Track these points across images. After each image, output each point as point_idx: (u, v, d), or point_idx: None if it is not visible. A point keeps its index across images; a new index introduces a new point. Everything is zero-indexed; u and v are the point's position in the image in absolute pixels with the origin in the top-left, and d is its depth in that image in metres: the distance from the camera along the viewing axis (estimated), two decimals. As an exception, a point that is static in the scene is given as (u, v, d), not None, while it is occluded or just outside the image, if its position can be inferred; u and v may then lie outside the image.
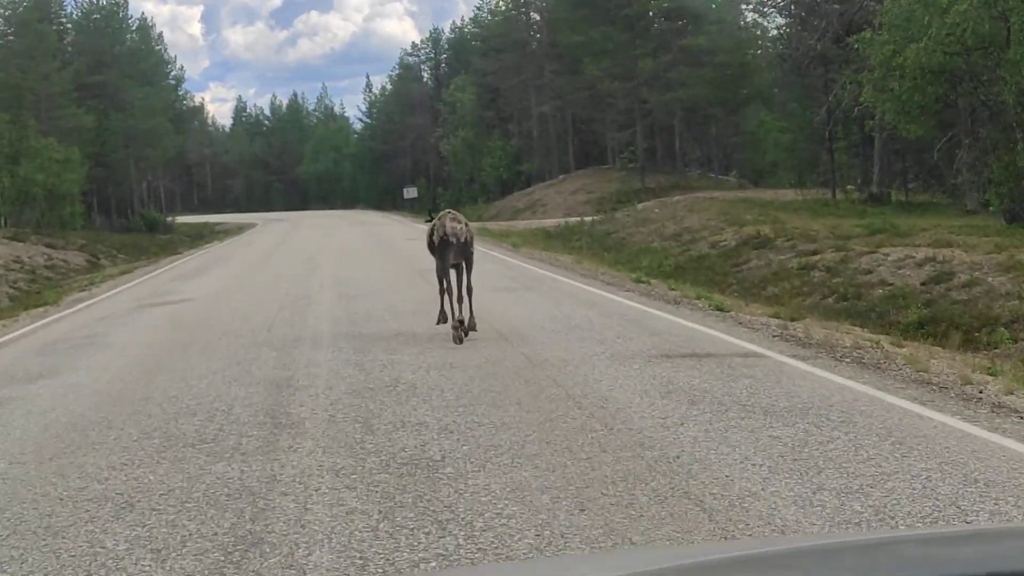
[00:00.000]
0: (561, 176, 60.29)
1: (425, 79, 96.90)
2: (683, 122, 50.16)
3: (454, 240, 11.18)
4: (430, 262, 12.10)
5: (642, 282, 18.05)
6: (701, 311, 13.77)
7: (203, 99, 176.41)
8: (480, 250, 28.92)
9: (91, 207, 65.20)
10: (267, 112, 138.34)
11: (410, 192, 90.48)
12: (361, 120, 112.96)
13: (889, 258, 20.74)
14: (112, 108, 65.51)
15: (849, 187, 37.64)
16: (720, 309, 13.74)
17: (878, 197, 34.92)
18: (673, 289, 16.84)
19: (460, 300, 11.43)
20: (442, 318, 11.59)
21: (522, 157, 71.97)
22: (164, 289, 20.75)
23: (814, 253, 23.95)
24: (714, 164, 54.44)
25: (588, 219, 41.25)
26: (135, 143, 67.42)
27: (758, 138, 50.10)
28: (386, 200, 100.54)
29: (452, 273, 11.62)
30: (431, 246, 11.51)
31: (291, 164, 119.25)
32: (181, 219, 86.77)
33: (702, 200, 37.43)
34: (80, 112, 59.81)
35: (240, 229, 65.41)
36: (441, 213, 11.79)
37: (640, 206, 39.42)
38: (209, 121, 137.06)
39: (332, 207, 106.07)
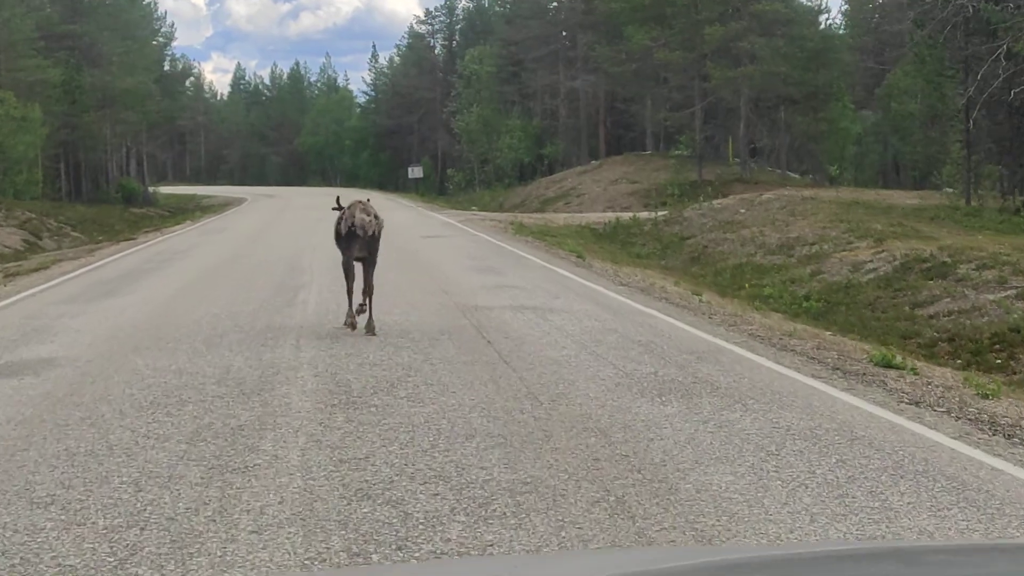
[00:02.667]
0: (593, 162, 51.53)
1: (437, 50, 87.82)
2: (750, 104, 41.41)
3: (361, 233, 10.31)
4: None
5: (894, 366, 9.46)
6: None
7: (198, 64, 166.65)
8: (537, 261, 20.01)
9: (59, 174, 56.36)
10: (267, 81, 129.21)
11: (415, 171, 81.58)
12: (365, 93, 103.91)
13: None
14: (86, 63, 56.49)
15: (982, 191, 29.03)
16: None
17: (1036, 206, 26.37)
18: (986, 395, 8.27)
19: (365, 293, 10.47)
20: (349, 321, 10.59)
21: (544, 139, 63.22)
22: (46, 320, 12.12)
23: (1055, 295, 15.67)
24: (780, 156, 45.71)
25: (645, 216, 32.66)
26: (112, 103, 58.37)
27: (839, 127, 41.55)
28: (388, 179, 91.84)
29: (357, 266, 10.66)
30: (337, 236, 10.70)
31: (289, 136, 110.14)
32: (168, 190, 77.98)
33: (798, 200, 28.87)
34: (46, 64, 50.82)
35: (226, 205, 56.78)
36: (351, 203, 10.71)
37: (716, 203, 30.83)
38: (207, 88, 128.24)
39: (331, 184, 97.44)
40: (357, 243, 10.34)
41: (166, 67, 76.30)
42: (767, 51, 40.50)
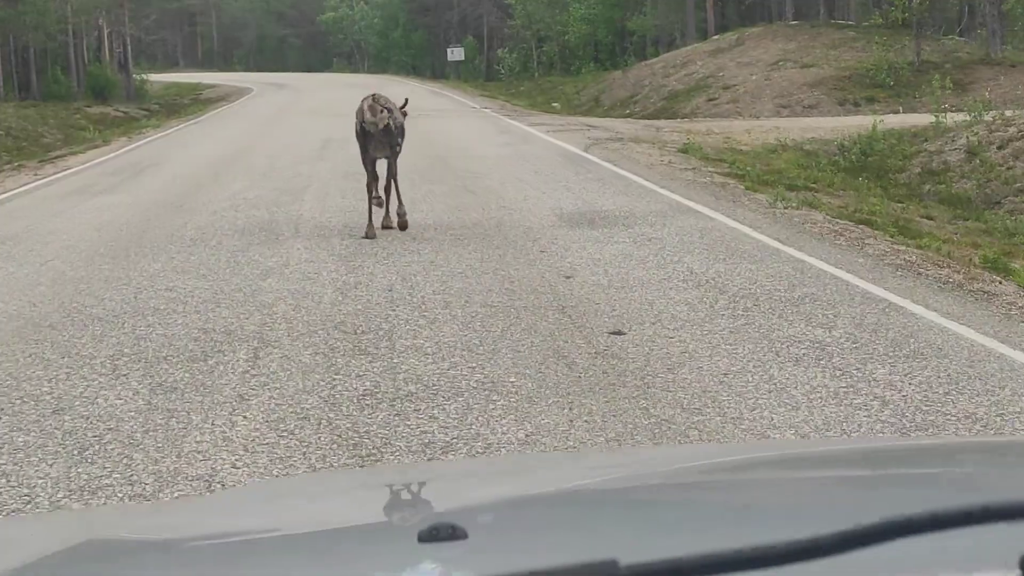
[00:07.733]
0: (716, 37, 35.77)
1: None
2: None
3: (372, 129, 9.31)
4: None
5: None
6: None
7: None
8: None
9: (-4, 61, 41.23)
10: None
11: (455, 53, 66.10)
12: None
13: None
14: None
15: None
16: None
17: None
18: None
19: (388, 194, 9.49)
20: (370, 231, 9.30)
21: (628, 8, 47.40)
22: None
23: None
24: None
25: (909, 124, 17.43)
26: (69, -33, 42.89)
27: None
28: (423, 63, 76.00)
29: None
30: (357, 135, 9.60)
31: (311, 15, 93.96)
32: (172, 78, 62.69)
33: None
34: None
35: (216, 101, 41.85)
36: (364, 96, 9.62)
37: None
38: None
39: (357, 69, 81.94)
40: (372, 141, 9.44)
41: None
42: None
